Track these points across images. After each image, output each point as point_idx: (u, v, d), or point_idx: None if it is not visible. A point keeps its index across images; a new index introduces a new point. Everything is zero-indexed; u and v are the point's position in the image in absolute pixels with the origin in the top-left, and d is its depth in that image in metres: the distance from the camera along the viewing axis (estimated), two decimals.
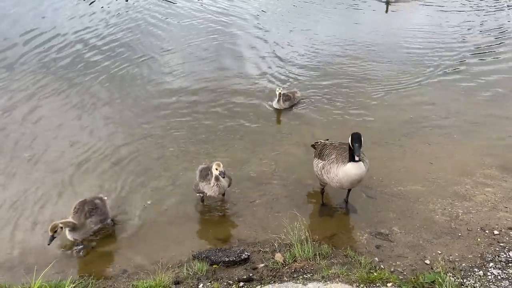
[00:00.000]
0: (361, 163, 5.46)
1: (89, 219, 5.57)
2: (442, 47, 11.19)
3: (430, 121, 8.36)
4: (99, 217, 5.69)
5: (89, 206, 5.64)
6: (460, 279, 4.81)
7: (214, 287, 4.73)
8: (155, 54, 10.90)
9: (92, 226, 5.62)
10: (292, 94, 8.81)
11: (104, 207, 5.82)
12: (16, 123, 8.20)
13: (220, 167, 5.71)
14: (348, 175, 5.55)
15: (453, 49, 11.02)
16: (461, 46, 11.16)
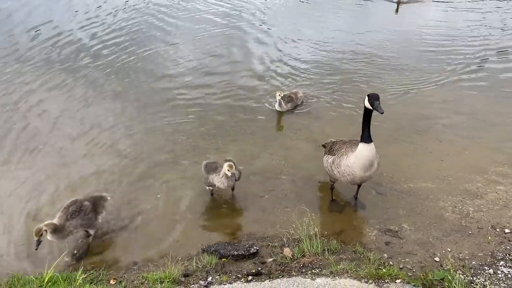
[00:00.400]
0: (372, 145, 5.38)
1: (69, 221, 5.31)
2: (455, 46, 11.07)
3: (442, 119, 8.28)
4: (81, 221, 5.37)
5: (73, 208, 5.37)
6: (469, 277, 4.79)
7: (223, 280, 4.76)
8: (163, 48, 11.03)
9: (71, 229, 5.33)
10: (295, 95, 8.59)
11: (91, 211, 5.49)
12: (26, 115, 8.34)
13: (232, 169, 5.72)
14: (359, 157, 5.43)
15: (468, 49, 10.88)
16: (475, 45, 11.00)
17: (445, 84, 9.41)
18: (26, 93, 9.06)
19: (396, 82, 9.51)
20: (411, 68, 10.04)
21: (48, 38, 11.28)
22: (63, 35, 11.48)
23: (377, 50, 10.87)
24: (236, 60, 10.53)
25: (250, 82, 9.59)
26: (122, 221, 6.04)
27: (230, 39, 11.54)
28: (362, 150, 5.43)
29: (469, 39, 11.34)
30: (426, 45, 11.13)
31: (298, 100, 8.64)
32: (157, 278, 4.81)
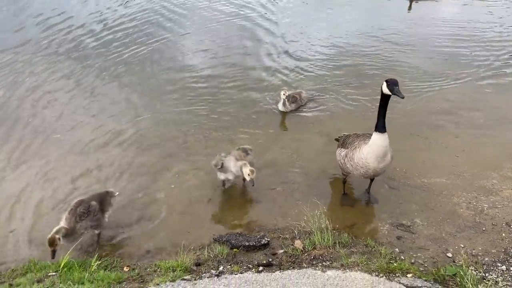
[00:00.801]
0: (386, 134, 5.33)
1: (79, 224, 5.22)
2: (473, 41, 10.91)
3: (458, 114, 8.18)
4: (90, 223, 5.31)
5: (81, 209, 5.27)
6: (482, 273, 4.75)
7: (234, 269, 4.80)
8: (174, 38, 11.16)
9: (82, 231, 5.26)
10: (299, 95, 8.41)
11: (99, 211, 5.43)
12: (37, 105, 8.50)
13: (253, 175, 5.83)
14: (373, 147, 5.38)
15: (486, 44, 10.71)
16: (494, 44, 10.78)
17: (463, 81, 9.28)
18: (36, 82, 9.19)
19: (410, 77, 9.41)
20: (427, 65, 9.90)
21: (60, 29, 11.44)
22: (74, 26, 11.62)
23: (390, 46, 10.76)
24: (248, 52, 10.54)
25: (262, 75, 9.61)
26: (135, 210, 6.11)
27: (242, 30, 11.58)
28: (376, 140, 5.38)
29: (487, 38, 11.12)
30: (442, 42, 10.97)
31: (302, 100, 8.47)
32: (169, 266, 4.88)
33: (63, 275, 4.69)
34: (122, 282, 4.62)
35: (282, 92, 8.10)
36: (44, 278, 4.71)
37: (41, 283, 4.59)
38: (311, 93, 8.90)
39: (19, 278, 4.75)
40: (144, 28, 11.63)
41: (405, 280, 4.51)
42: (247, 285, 4.47)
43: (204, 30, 11.62)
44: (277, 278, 4.58)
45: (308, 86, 9.20)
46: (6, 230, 5.74)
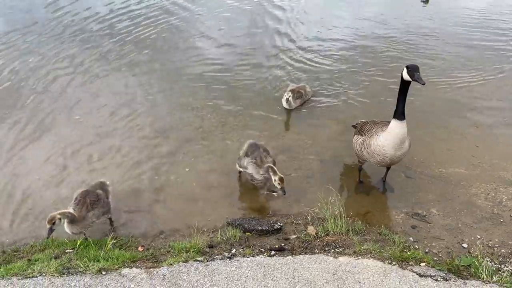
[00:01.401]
0: (405, 123, 5.25)
1: (91, 212, 5.15)
2: (497, 32, 10.60)
3: (480, 103, 7.98)
4: (102, 209, 5.28)
5: (91, 198, 5.21)
6: (497, 265, 4.67)
7: (246, 253, 4.84)
8: (188, 21, 11.13)
9: (94, 219, 5.19)
10: (303, 90, 8.02)
11: (106, 198, 5.43)
12: (60, 88, 8.60)
13: (283, 183, 5.54)
14: (391, 134, 5.29)
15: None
16: None
17: (486, 71, 9.02)
18: (46, 66, 9.27)
19: (430, 66, 9.19)
20: (450, 55, 9.65)
21: (67, 12, 11.49)
22: (85, 10, 11.64)
23: (409, 36, 10.51)
24: (266, 40, 10.42)
25: (280, 61, 9.50)
26: (150, 192, 6.19)
27: (258, 16, 11.44)
28: (394, 127, 5.29)
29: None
30: (467, 33, 10.66)
31: (307, 95, 8.11)
32: (182, 247, 4.95)
33: (80, 253, 4.82)
34: (136, 261, 4.71)
35: (285, 94, 7.73)
36: (61, 254, 4.84)
37: (58, 259, 4.72)
38: (328, 80, 8.80)
39: (37, 254, 4.89)
40: (158, 14, 11.57)
41: (418, 269, 4.47)
42: (259, 268, 4.50)
43: (219, 15, 11.55)
44: (288, 262, 4.61)
45: (324, 72, 9.09)
46: (26, 207, 5.89)
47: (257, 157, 5.85)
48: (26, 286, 4.26)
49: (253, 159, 5.83)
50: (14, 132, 7.34)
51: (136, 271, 4.50)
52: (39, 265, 4.55)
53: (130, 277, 4.40)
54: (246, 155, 5.97)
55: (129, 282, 4.33)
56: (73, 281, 4.31)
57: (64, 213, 4.92)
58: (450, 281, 4.30)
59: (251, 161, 5.83)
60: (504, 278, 4.30)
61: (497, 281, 4.28)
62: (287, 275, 4.40)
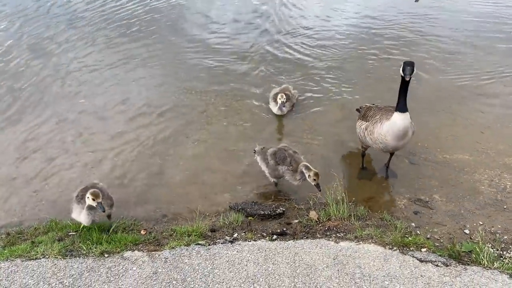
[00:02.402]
0: (407, 114, 5.23)
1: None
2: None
3: (485, 89, 7.89)
4: (109, 201, 5.09)
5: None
6: (499, 251, 4.66)
7: (248, 237, 4.86)
8: (195, 9, 11.04)
9: (106, 207, 4.88)
10: (290, 92, 7.47)
11: (108, 192, 5.21)
12: (68, 73, 8.61)
13: (318, 179, 5.25)
14: (392, 127, 5.29)
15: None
16: None
17: (491, 56, 8.90)
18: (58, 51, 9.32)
19: (437, 49, 9.08)
20: (455, 41, 9.53)
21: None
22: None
23: (413, 22, 10.35)
24: (270, 28, 10.32)
25: (283, 48, 9.41)
26: (153, 176, 6.21)
27: (264, 7, 11.31)
28: (396, 120, 5.27)
29: None
30: (468, 19, 10.50)
31: (294, 97, 7.57)
32: (185, 231, 4.98)
33: (83, 235, 4.87)
34: (138, 244, 4.76)
35: (278, 97, 7.13)
36: (65, 237, 4.89)
37: (61, 241, 4.77)
38: (332, 64, 8.70)
39: (41, 236, 4.94)
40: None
41: (418, 254, 4.48)
42: (260, 252, 4.53)
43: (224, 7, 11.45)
44: (290, 246, 4.63)
45: (327, 58, 9.02)
46: (30, 190, 5.94)
47: (292, 162, 5.48)
48: (29, 267, 4.32)
49: (289, 166, 5.47)
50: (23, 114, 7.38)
51: (138, 254, 4.54)
52: (43, 247, 4.61)
53: (132, 259, 4.45)
54: (278, 163, 5.54)
55: (131, 264, 4.37)
56: (75, 263, 4.36)
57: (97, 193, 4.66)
58: (451, 266, 4.30)
59: (288, 169, 5.48)
60: (505, 265, 4.30)
61: (498, 268, 4.27)
62: (288, 259, 4.42)
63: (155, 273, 4.26)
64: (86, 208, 4.71)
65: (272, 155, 5.61)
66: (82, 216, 4.77)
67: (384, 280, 4.13)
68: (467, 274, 4.19)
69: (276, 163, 5.53)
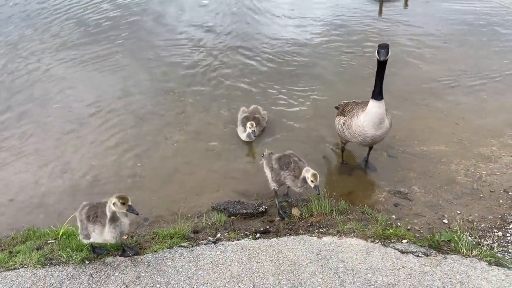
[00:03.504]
0: (382, 102, 5.30)
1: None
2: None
3: (459, 81, 8.09)
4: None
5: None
6: (477, 239, 4.78)
7: (231, 236, 4.85)
8: (166, 10, 10.93)
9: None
10: (259, 114, 7.00)
11: None
12: (40, 77, 8.41)
13: (316, 181, 4.89)
14: (369, 114, 5.34)
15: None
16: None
17: (462, 43, 9.13)
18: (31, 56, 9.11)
19: (411, 44, 9.23)
20: (425, 33, 9.74)
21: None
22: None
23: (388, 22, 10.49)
24: (249, 21, 10.34)
25: (263, 47, 9.44)
26: (133, 179, 6.14)
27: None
28: (372, 108, 5.33)
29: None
30: (443, 15, 10.69)
31: (264, 120, 7.07)
32: (167, 233, 4.92)
33: (62, 243, 4.75)
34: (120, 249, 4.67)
35: (248, 125, 6.62)
36: (43, 245, 4.77)
37: (40, 250, 4.66)
38: (313, 60, 8.74)
39: (18, 246, 4.81)
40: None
41: (400, 246, 4.55)
42: (244, 251, 4.52)
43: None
44: (273, 244, 4.63)
45: (306, 53, 9.07)
46: (5, 199, 5.79)
47: (295, 168, 5.16)
48: (8, 278, 4.21)
49: (291, 172, 5.15)
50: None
51: (120, 259, 4.47)
52: (21, 257, 4.49)
53: (114, 265, 4.38)
54: (281, 168, 5.23)
55: (114, 270, 4.31)
56: (55, 272, 4.27)
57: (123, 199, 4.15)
58: (431, 256, 4.38)
59: (290, 174, 5.16)
60: (483, 252, 4.40)
61: (477, 255, 4.37)
62: (272, 257, 4.43)
63: (138, 277, 4.21)
64: (109, 222, 4.13)
65: (277, 159, 5.35)
66: (107, 233, 4.17)
67: (367, 273, 4.18)
68: (447, 263, 4.28)
69: (280, 168, 5.23)
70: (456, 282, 4.06)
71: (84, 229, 4.31)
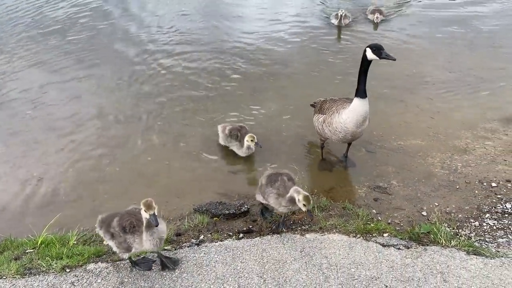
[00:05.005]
0: (367, 100, 5.35)
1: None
2: None
3: (433, 76, 8.28)
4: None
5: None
6: (455, 230, 4.90)
7: (214, 238, 4.83)
8: (134, 14, 10.88)
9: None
10: (246, 131, 6.43)
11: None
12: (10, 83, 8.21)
13: (309, 205, 4.40)
14: (353, 112, 5.38)
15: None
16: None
17: (435, 39, 9.36)
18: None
19: (386, 40, 9.39)
20: (399, 30, 9.92)
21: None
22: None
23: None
24: (223, 26, 10.33)
25: (238, 49, 9.42)
26: (113, 183, 6.04)
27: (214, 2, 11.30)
28: (357, 106, 5.39)
29: None
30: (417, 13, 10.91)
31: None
32: None
33: (41, 252, 4.64)
34: (101, 256, 4.60)
35: (247, 139, 6.22)
36: (22, 255, 4.65)
37: (18, 260, 4.53)
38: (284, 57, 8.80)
39: None
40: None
41: (381, 240, 4.63)
42: (227, 251, 4.52)
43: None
44: (257, 243, 4.64)
45: (276, 54, 9.15)
46: None
47: (280, 187, 4.69)
48: None
49: (276, 189, 4.68)
50: None
51: (102, 265, 4.40)
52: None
53: (96, 272, 4.31)
54: (267, 186, 4.81)
55: (96, 277, 4.23)
56: (35, 282, 4.17)
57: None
58: (412, 248, 4.48)
59: (273, 192, 4.69)
60: (462, 242, 4.52)
61: (455, 245, 4.49)
62: (256, 256, 4.44)
63: (121, 283, 4.15)
64: (145, 229, 3.91)
65: (266, 176, 4.93)
66: (145, 242, 3.94)
67: (350, 267, 4.24)
68: (427, 254, 4.38)
69: (266, 184, 4.81)
70: (436, 272, 4.16)
71: (124, 242, 4.03)
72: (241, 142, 6.35)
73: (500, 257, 4.35)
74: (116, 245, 4.12)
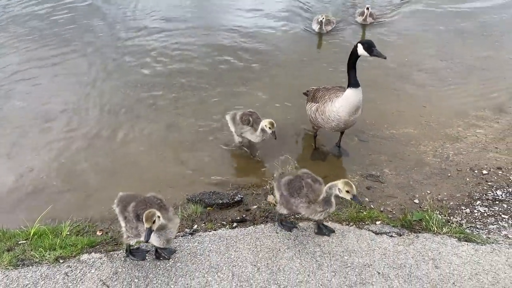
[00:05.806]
0: (360, 89, 5.38)
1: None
2: None
3: (426, 65, 8.29)
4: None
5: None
6: (447, 217, 4.95)
7: (208, 227, 4.84)
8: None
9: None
10: (256, 116, 6.09)
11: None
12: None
13: (353, 190, 4.04)
14: (347, 101, 5.42)
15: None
16: None
17: (428, 28, 9.36)
18: None
19: (378, 30, 9.38)
20: (391, 19, 9.88)
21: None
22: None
23: None
24: (216, 10, 10.23)
25: (228, 41, 9.33)
26: (106, 173, 6.01)
27: None
28: (350, 96, 5.41)
29: None
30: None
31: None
32: None
33: (34, 243, 4.62)
34: (95, 246, 4.59)
35: (267, 124, 5.77)
36: (15, 246, 4.62)
37: (11, 251, 4.51)
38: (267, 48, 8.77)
39: None
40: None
41: (374, 227, 4.67)
42: (221, 241, 4.53)
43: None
44: (250, 232, 4.66)
45: (268, 43, 9.08)
46: None
47: (308, 193, 4.27)
48: None
49: (304, 197, 4.26)
50: None
51: (96, 255, 4.39)
52: None
53: (90, 262, 4.30)
54: (292, 196, 4.35)
55: (89, 267, 4.23)
56: (29, 273, 4.16)
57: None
58: (404, 235, 4.52)
59: (302, 201, 4.27)
60: (453, 229, 4.57)
61: (447, 232, 4.54)
62: (250, 245, 4.45)
63: (115, 273, 4.15)
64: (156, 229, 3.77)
65: (285, 184, 4.44)
66: (152, 238, 3.81)
67: (343, 255, 4.28)
68: (419, 241, 4.42)
69: (290, 195, 4.34)
70: (428, 259, 4.21)
71: (134, 229, 3.98)
72: (253, 126, 6.02)
73: (491, 243, 4.42)
74: (127, 228, 4.10)
